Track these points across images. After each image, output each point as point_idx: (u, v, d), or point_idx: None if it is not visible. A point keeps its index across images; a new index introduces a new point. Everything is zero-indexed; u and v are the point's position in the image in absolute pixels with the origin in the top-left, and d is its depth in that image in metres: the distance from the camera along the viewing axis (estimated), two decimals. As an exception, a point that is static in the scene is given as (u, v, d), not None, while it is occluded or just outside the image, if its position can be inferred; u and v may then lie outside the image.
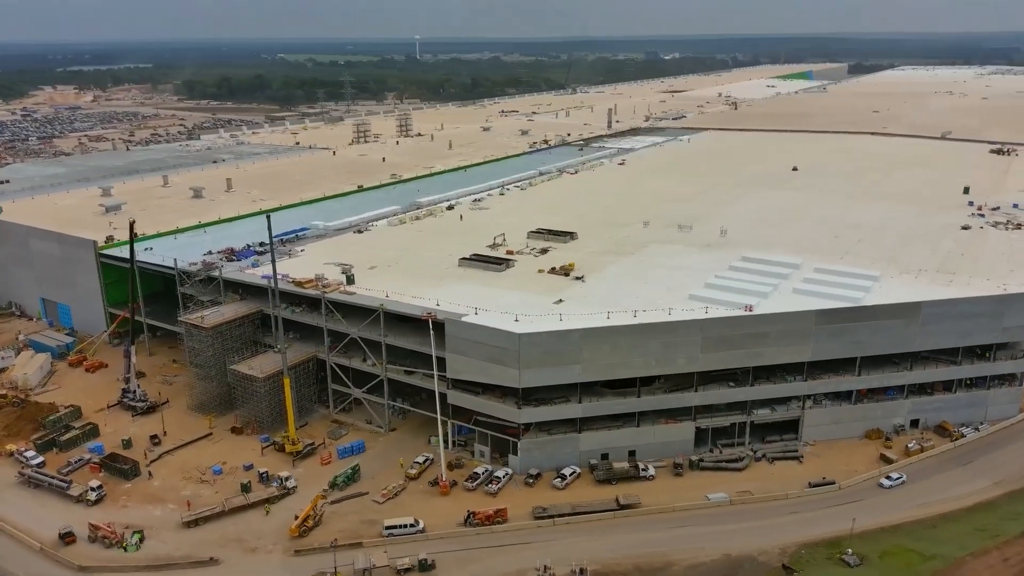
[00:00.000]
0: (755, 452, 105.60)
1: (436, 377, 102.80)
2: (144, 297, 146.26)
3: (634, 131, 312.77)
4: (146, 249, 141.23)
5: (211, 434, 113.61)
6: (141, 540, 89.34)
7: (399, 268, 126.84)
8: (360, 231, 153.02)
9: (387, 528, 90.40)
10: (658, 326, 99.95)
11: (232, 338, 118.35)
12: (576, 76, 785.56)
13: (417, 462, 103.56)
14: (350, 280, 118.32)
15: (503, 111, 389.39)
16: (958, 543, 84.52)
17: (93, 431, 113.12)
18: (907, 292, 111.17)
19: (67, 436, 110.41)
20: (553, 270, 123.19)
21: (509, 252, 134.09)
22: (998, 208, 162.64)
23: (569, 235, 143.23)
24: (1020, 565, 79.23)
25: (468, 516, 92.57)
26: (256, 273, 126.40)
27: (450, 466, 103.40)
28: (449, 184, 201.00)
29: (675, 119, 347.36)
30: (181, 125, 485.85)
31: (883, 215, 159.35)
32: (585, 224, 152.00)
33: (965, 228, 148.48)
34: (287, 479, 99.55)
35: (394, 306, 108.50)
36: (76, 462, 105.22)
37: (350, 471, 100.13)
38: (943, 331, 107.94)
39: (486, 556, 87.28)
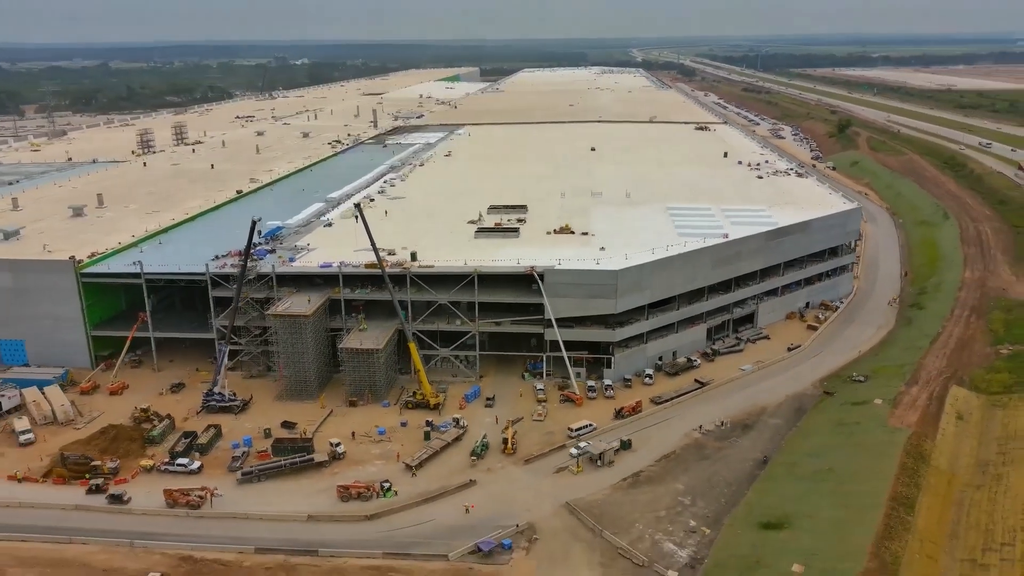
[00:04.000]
0: (741, 338, 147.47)
1: (554, 321, 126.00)
2: (120, 313, 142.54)
3: (399, 129, 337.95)
4: (134, 263, 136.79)
5: (332, 411, 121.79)
6: (391, 487, 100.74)
7: (427, 245, 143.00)
8: (329, 224, 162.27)
9: (574, 430, 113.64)
10: (691, 254, 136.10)
11: (318, 326, 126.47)
12: (236, 81, 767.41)
13: (540, 389, 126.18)
14: (413, 257, 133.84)
15: (238, 116, 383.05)
16: (906, 355, 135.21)
17: (219, 433, 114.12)
18: (791, 216, 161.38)
19: (202, 441, 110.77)
20: (557, 231, 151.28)
21: (497, 224, 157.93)
22: (760, 164, 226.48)
23: (523, 208, 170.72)
24: (952, 348, 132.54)
25: (618, 411, 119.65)
26: (308, 264, 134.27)
27: (559, 387, 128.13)
28: (319, 182, 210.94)
29: (419, 118, 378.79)
30: None
31: (697, 174, 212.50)
32: (512, 201, 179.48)
33: (760, 177, 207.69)
34: (460, 420, 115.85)
35: (489, 269, 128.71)
36: (240, 456, 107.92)
37: (484, 442, 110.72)
38: (820, 239, 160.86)
39: (652, 433, 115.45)
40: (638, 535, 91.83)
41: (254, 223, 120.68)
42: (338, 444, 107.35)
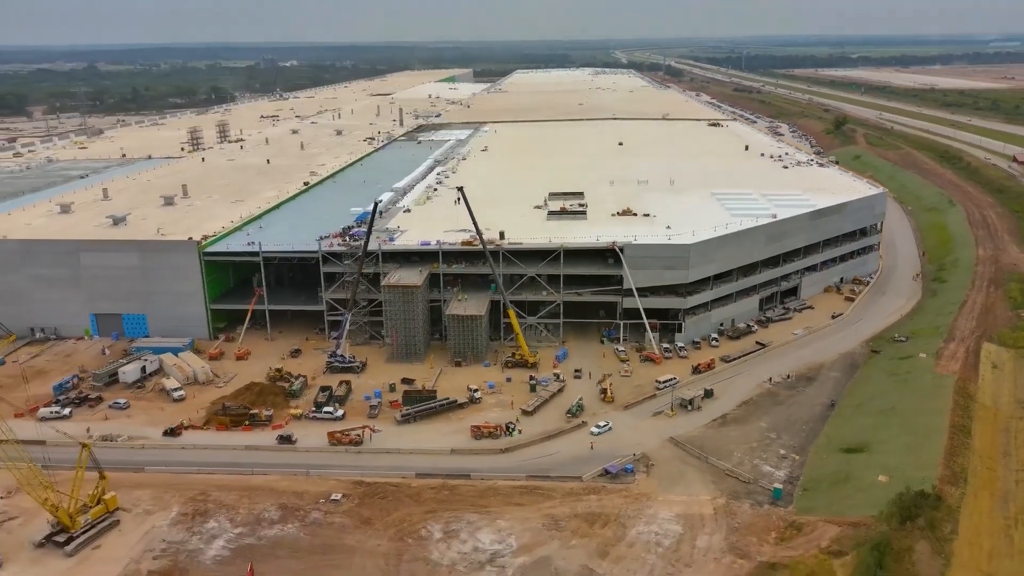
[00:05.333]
0: (788, 308, 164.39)
1: (635, 290, 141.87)
2: (229, 289, 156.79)
3: (424, 127, 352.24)
4: (249, 244, 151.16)
5: (441, 371, 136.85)
6: (516, 427, 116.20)
7: (505, 227, 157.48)
8: (408, 211, 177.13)
9: (660, 383, 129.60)
10: (749, 231, 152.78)
11: (424, 296, 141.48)
12: (235, 83, 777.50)
13: (622, 351, 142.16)
14: (502, 235, 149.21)
15: (263, 115, 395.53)
16: (939, 319, 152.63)
17: (350, 388, 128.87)
18: (825, 200, 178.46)
19: (339, 393, 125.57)
20: (620, 213, 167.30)
21: (563, 208, 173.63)
22: (782, 156, 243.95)
23: (580, 194, 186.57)
24: (978, 312, 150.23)
25: (695, 367, 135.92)
26: (408, 243, 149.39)
27: (636, 349, 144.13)
28: (374, 175, 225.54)
29: (437, 117, 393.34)
30: None
31: (725, 165, 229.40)
32: (566, 188, 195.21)
33: (785, 167, 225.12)
34: (560, 375, 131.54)
35: (573, 244, 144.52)
36: (376, 405, 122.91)
37: (579, 403, 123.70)
38: (853, 219, 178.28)
39: (728, 385, 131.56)
40: (738, 460, 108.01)
41: (376, 205, 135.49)
42: (476, 390, 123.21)
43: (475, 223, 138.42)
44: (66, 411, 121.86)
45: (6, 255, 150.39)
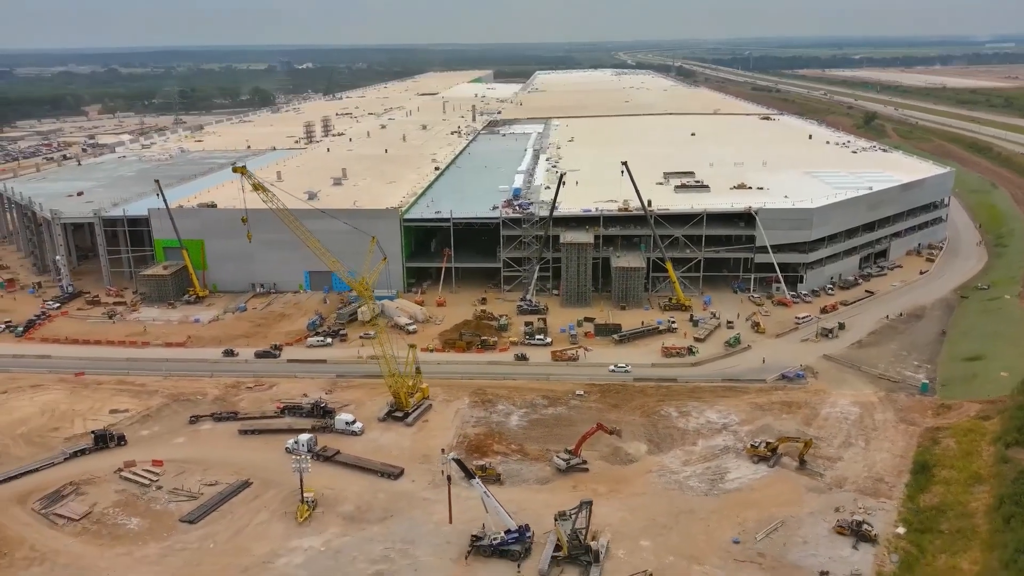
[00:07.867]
0: (883, 266, 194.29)
1: (769, 248, 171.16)
2: (412, 251, 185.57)
3: (495, 123, 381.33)
4: (437, 212, 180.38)
5: (610, 313, 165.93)
6: (696, 349, 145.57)
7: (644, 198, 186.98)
8: (548, 188, 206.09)
9: (799, 319, 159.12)
10: (854, 199, 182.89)
11: (591, 252, 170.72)
12: (272, 86, 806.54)
13: (756, 297, 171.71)
14: (649, 203, 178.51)
15: (338, 113, 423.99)
16: (1011, 272, 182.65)
17: (544, 323, 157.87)
18: (905, 177, 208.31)
19: (537, 327, 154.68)
20: (736, 187, 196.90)
21: (683, 183, 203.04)
22: (846, 143, 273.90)
23: (691, 173, 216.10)
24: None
25: (823, 309, 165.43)
26: (570, 210, 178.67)
27: (767, 296, 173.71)
28: (489, 161, 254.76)
29: (498, 114, 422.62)
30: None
31: (799, 151, 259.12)
32: (668, 170, 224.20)
33: (853, 152, 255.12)
34: (716, 313, 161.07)
35: (715, 209, 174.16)
36: (574, 335, 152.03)
37: (736, 336, 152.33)
38: (925, 194, 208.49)
39: (852, 321, 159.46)
40: (883, 369, 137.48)
41: (561, 176, 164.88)
42: (672, 321, 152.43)
43: (638, 191, 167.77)
44: (328, 340, 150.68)
45: (234, 222, 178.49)
